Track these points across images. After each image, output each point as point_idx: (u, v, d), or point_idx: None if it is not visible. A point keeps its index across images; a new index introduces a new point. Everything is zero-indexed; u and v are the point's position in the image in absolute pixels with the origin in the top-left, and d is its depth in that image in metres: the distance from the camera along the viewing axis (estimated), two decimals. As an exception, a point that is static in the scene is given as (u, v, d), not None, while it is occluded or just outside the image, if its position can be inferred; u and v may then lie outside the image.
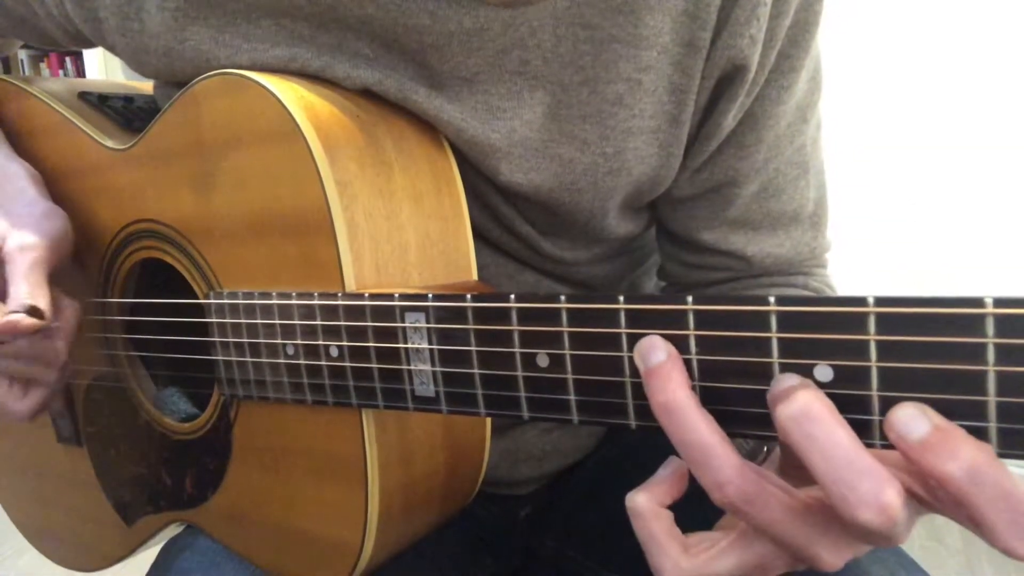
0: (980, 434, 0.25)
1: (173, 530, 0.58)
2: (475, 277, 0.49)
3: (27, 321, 0.48)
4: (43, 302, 0.49)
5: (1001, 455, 0.25)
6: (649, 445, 0.66)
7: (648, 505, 0.33)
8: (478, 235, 0.54)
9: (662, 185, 0.53)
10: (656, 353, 0.30)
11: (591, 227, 0.54)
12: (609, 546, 0.61)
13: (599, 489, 0.64)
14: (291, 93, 0.43)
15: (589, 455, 0.67)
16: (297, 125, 0.41)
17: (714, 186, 0.53)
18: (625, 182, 0.50)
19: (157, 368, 0.57)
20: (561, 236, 0.55)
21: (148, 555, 0.58)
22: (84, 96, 0.60)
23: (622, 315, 0.31)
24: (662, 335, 0.30)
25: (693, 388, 0.30)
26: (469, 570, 0.63)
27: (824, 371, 0.27)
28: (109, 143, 0.53)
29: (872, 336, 0.26)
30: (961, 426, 0.25)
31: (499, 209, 0.52)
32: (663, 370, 0.30)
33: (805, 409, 0.26)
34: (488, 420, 0.50)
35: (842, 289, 0.54)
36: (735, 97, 0.48)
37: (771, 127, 0.51)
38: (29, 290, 0.49)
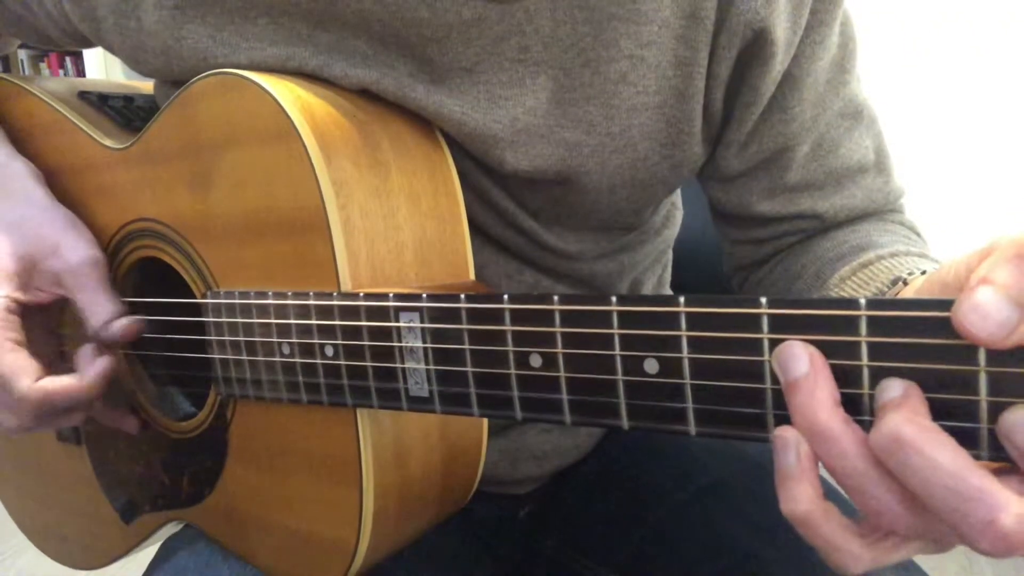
0: (971, 436, 0.25)
1: (171, 528, 0.58)
2: (472, 277, 0.49)
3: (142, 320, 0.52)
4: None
5: (992, 458, 0.25)
6: (649, 445, 0.66)
7: (813, 506, 0.28)
8: (480, 233, 0.54)
9: (683, 167, 0.52)
10: (796, 364, 0.27)
11: (597, 210, 0.53)
12: (609, 545, 0.61)
13: (599, 488, 0.64)
14: (288, 93, 0.43)
15: (589, 454, 0.67)
16: (293, 125, 0.41)
17: (767, 157, 0.53)
18: (632, 158, 0.50)
19: (156, 367, 0.57)
20: (565, 226, 0.55)
21: (147, 553, 0.59)
22: (84, 95, 0.60)
23: (614, 316, 0.31)
24: (653, 335, 0.30)
25: (837, 402, 0.27)
26: (469, 569, 0.63)
27: (815, 372, 0.27)
28: (108, 142, 0.53)
29: (864, 337, 0.26)
30: (952, 428, 0.25)
31: (501, 204, 0.52)
32: (804, 387, 0.27)
33: (895, 435, 0.25)
34: (485, 421, 0.50)
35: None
36: (768, 61, 0.47)
37: (811, 85, 0.50)
38: (115, 305, 0.51)
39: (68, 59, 2.91)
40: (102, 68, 2.62)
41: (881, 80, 1.66)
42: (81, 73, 2.81)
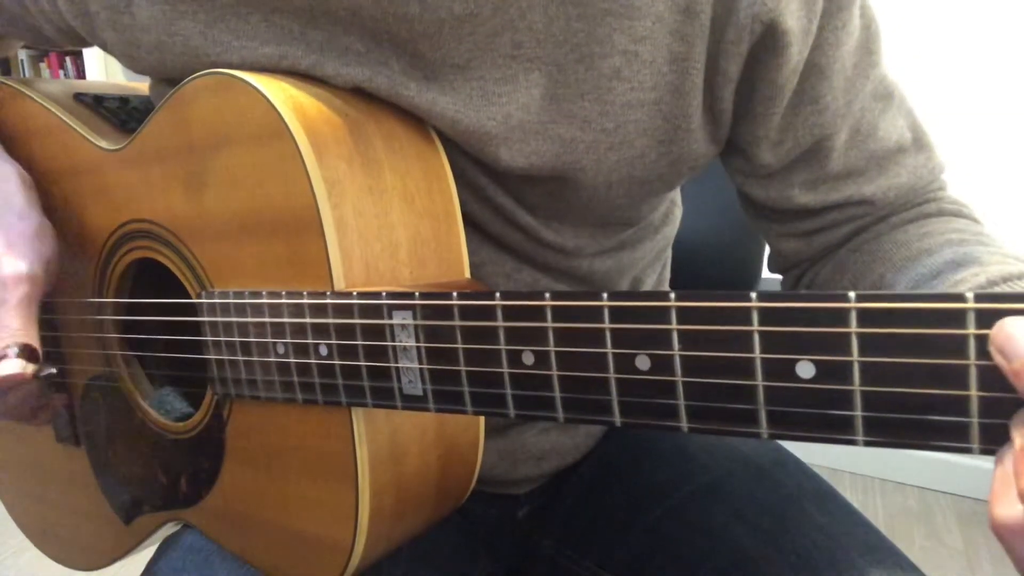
0: (962, 430, 0.25)
1: (170, 529, 0.58)
2: (467, 275, 0.49)
3: (31, 368, 0.48)
4: (35, 340, 0.49)
5: (983, 451, 0.25)
6: (647, 445, 0.66)
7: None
8: (478, 230, 0.53)
9: (682, 163, 0.52)
10: (1021, 344, 0.24)
11: (595, 206, 0.53)
12: (607, 545, 0.61)
13: (597, 489, 0.64)
14: (280, 92, 0.43)
15: (588, 455, 0.67)
16: (285, 124, 0.41)
17: (805, 150, 0.52)
18: (628, 155, 0.49)
19: (153, 368, 0.57)
20: (563, 222, 0.54)
21: (146, 554, 0.59)
22: (79, 97, 0.60)
23: (606, 311, 0.31)
24: (644, 330, 0.30)
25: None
26: (467, 569, 0.63)
27: (806, 367, 0.27)
28: (103, 144, 0.53)
29: (854, 329, 0.26)
30: (943, 422, 0.25)
31: (497, 200, 0.52)
32: None
33: None
34: (482, 419, 0.50)
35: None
36: (782, 52, 0.46)
37: (839, 72, 0.49)
38: (22, 327, 0.48)
39: (68, 59, 2.92)
40: (102, 69, 2.62)
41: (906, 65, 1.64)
42: (81, 74, 2.82)
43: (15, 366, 0.47)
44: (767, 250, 0.64)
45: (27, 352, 0.48)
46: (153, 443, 0.55)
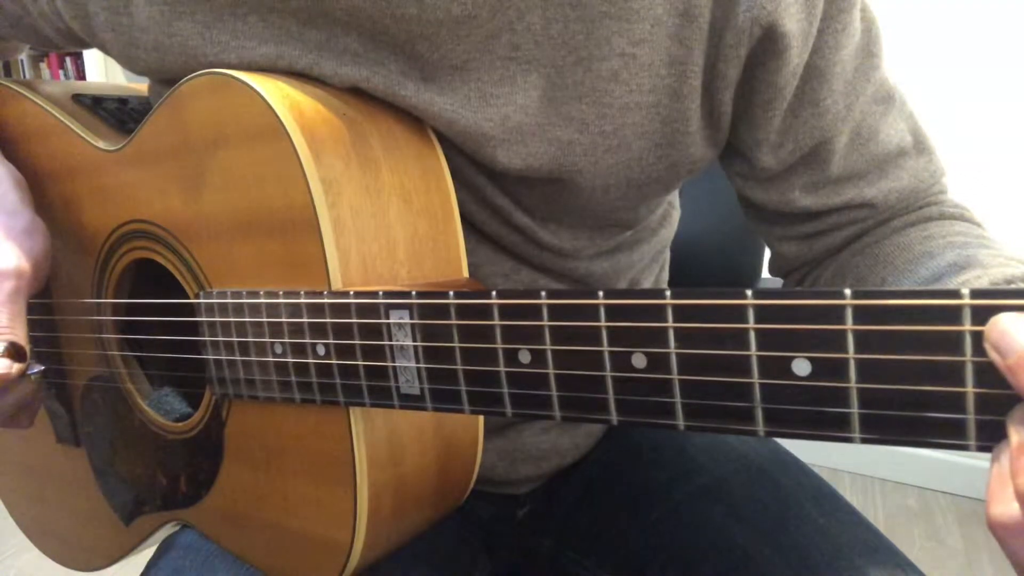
0: (958, 427, 0.25)
1: (170, 529, 0.58)
2: (466, 275, 0.49)
3: (16, 367, 0.47)
4: (22, 336, 0.48)
5: (979, 448, 0.25)
6: (647, 445, 0.65)
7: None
8: (475, 231, 0.53)
9: (680, 167, 0.51)
10: (1015, 339, 0.24)
11: (592, 208, 0.53)
12: (607, 545, 0.61)
13: (597, 489, 0.64)
14: (276, 92, 0.43)
15: (588, 455, 0.67)
16: (282, 124, 0.41)
17: (805, 153, 0.52)
18: (626, 158, 0.49)
19: (152, 368, 0.57)
20: (561, 223, 0.54)
21: (146, 555, 0.59)
22: (78, 98, 0.60)
23: (601, 310, 0.31)
24: (640, 328, 0.30)
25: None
26: (467, 569, 0.63)
27: (802, 364, 0.27)
28: (101, 145, 0.53)
29: (850, 326, 0.26)
30: (939, 419, 0.25)
31: (495, 201, 0.52)
32: None
33: None
34: (480, 419, 0.50)
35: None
36: (782, 55, 0.46)
37: (839, 75, 0.49)
38: (8, 323, 0.48)
39: (68, 60, 2.93)
40: (102, 70, 2.63)
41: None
42: (81, 74, 2.82)
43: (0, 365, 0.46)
44: (767, 252, 0.64)
45: (13, 350, 0.47)
46: (152, 443, 0.55)
